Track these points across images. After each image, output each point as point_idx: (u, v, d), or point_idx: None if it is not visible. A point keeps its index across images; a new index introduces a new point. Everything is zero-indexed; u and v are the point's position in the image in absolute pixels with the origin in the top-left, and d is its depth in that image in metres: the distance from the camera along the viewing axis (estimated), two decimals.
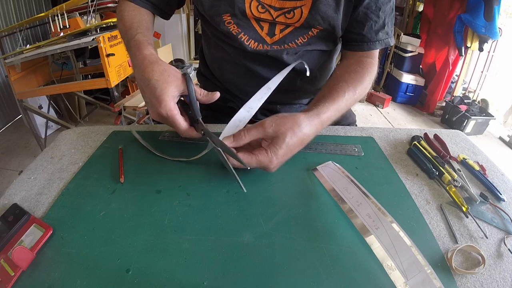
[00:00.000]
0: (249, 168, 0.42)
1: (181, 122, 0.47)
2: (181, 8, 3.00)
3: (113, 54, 1.60)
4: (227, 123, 0.57)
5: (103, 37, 1.53)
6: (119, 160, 0.52)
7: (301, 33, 0.57)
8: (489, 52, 2.57)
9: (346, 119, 0.77)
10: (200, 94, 0.49)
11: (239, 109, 0.72)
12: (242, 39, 0.57)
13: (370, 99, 3.10)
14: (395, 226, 0.36)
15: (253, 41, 0.58)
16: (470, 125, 2.47)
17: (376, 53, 0.60)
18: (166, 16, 0.66)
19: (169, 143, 0.57)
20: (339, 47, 0.68)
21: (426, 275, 0.31)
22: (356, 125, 0.80)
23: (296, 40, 0.57)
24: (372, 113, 2.93)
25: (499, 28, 2.34)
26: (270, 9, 0.54)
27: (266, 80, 0.63)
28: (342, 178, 0.46)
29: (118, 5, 0.62)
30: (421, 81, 2.97)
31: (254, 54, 0.60)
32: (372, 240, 0.36)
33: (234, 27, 0.56)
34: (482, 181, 0.49)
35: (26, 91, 1.82)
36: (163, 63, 0.48)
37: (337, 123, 0.75)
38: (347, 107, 0.52)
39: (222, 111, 0.77)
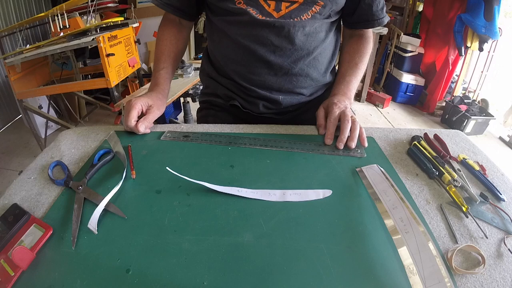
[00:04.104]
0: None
1: (134, 114, 0.59)
2: None
3: (113, 54, 1.59)
4: (229, 123, 0.56)
5: (103, 37, 1.53)
6: (128, 157, 0.51)
7: (305, 9, 0.62)
8: (489, 52, 2.57)
9: None
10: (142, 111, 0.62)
11: (242, 106, 0.73)
12: (251, 12, 0.62)
13: (370, 99, 3.10)
14: (425, 235, 0.37)
15: (260, 15, 0.62)
16: (470, 125, 2.47)
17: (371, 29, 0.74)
18: (191, 18, 0.76)
19: (170, 144, 0.57)
20: (340, 29, 0.75)
21: (445, 287, 0.31)
22: None
23: (301, 16, 0.62)
24: (372, 113, 2.93)
25: (499, 28, 2.34)
26: None
27: (269, 64, 0.66)
28: (383, 181, 0.47)
29: (159, 27, 0.75)
30: (421, 81, 2.97)
31: (259, 33, 0.63)
32: (399, 242, 0.36)
33: (244, 6, 0.62)
34: (482, 181, 0.49)
35: (26, 91, 1.82)
36: (164, 95, 0.69)
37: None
38: (358, 81, 0.70)
39: (224, 110, 0.77)
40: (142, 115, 0.62)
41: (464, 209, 0.42)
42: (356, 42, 0.73)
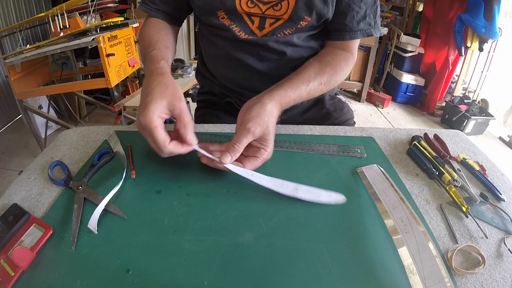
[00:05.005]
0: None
1: (161, 135, 0.42)
2: None
3: (113, 54, 1.59)
4: (226, 122, 0.55)
5: (103, 37, 1.53)
6: (128, 157, 0.51)
7: (290, 25, 0.59)
8: (489, 52, 2.57)
9: (344, 115, 0.77)
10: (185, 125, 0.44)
11: (237, 104, 0.73)
12: (234, 30, 0.60)
13: (370, 99, 3.10)
14: (425, 235, 0.37)
15: (243, 33, 0.60)
16: (470, 125, 2.47)
17: (353, 46, 0.62)
18: (178, 23, 0.69)
19: None
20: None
21: (445, 287, 0.32)
22: (354, 122, 0.80)
23: (284, 31, 0.60)
24: (372, 113, 2.93)
25: (499, 28, 2.34)
26: (259, 3, 0.56)
27: (257, 72, 0.65)
28: (383, 181, 0.47)
29: (141, 26, 0.64)
30: (421, 81, 2.97)
31: (244, 46, 0.62)
32: (399, 242, 0.37)
33: (227, 21, 0.59)
34: (482, 181, 0.49)
35: (26, 91, 1.82)
36: (168, 78, 0.48)
37: (335, 120, 0.74)
38: (310, 95, 0.56)
39: (220, 108, 0.77)
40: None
41: (464, 209, 0.42)
42: (337, 55, 0.60)
